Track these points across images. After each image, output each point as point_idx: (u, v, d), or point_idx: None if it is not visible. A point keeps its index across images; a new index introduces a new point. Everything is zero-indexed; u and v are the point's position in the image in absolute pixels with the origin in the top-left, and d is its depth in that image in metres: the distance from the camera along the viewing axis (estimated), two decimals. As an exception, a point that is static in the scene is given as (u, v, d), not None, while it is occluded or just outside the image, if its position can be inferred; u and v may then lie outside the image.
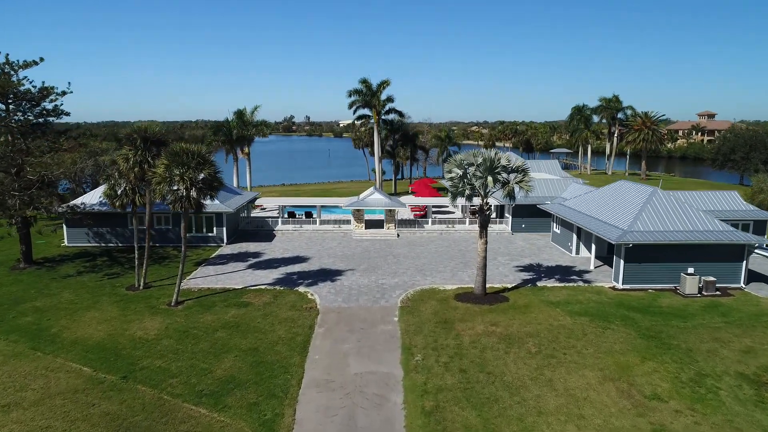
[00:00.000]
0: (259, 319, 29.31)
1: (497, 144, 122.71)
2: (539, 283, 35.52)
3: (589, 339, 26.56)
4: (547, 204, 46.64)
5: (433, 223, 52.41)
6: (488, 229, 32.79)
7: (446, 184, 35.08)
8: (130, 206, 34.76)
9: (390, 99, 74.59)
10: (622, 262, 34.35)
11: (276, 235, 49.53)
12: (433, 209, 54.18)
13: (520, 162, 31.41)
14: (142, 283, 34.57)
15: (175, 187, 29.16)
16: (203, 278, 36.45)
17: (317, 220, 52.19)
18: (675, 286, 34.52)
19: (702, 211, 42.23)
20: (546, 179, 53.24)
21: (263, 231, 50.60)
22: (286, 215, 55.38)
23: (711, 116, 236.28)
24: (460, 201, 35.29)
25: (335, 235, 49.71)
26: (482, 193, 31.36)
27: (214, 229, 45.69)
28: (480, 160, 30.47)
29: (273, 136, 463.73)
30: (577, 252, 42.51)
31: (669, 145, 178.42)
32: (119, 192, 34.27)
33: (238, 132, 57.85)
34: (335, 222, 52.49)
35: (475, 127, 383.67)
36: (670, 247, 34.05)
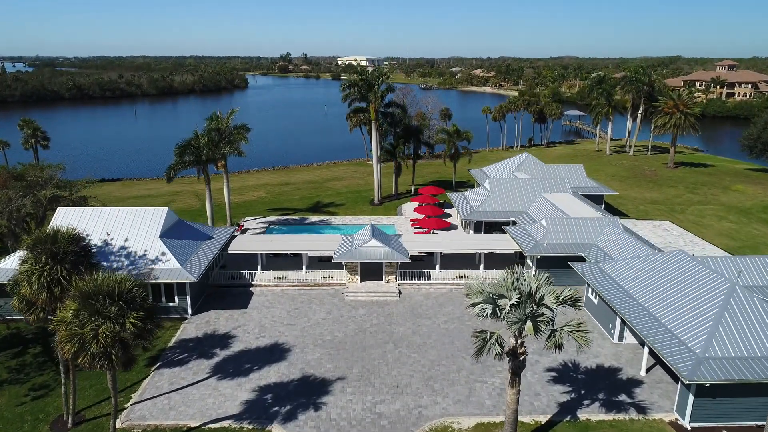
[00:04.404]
0: None
1: (508, 115, 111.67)
2: (580, 413, 27.75)
3: None
4: (582, 265, 38.24)
5: (441, 267, 44.23)
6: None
7: (470, 311, 26.51)
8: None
9: (390, 89, 64.32)
10: (691, 396, 26.45)
11: (253, 294, 41.26)
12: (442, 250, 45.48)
13: (570, 292, 22.80)
14: (71, 418, 26.90)
15: (89, 347, 20.79)
16: (152, 401, 28.63)
17: (303, 267, 43.96)
18: (756, 425, 26.82)
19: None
20: (577, 219, 44.28)
21: (237, 288, 42.11)
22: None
23: (732, 66, 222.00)
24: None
25: (325, 294, 41.37)
26: (516, 334, 23.01)
27: (176, 298, 37.41)
28: (515, 297, 21.85)
29: (269, 78, 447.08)
30: (621, 338, 34.51)
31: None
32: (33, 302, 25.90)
33: (209, 153, 47.95)
34: (325, 269, 44.26)
35: (478, 70, 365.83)
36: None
